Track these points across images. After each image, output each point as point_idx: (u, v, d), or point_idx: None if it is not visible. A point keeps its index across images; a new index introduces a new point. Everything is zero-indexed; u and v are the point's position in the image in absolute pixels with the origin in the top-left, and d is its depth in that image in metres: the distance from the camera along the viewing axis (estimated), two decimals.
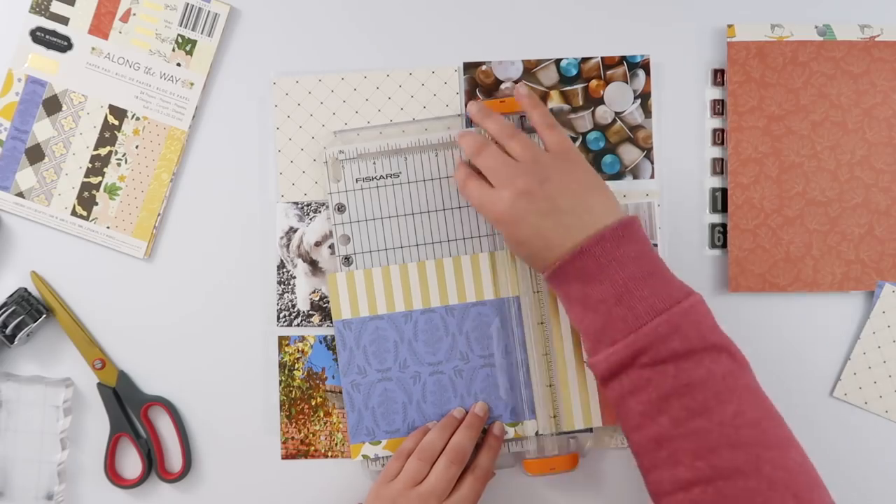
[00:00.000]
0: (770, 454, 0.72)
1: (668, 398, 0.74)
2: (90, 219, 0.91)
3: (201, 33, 0.90)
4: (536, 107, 0.85)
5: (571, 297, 0.79)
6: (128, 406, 0.91)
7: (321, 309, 0.91)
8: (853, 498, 0.91)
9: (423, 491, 0.82)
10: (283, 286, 0.91)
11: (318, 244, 0.91)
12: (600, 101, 0.92)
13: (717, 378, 0.74)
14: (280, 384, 0.91)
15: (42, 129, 0.90)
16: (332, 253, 0.90)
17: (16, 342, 0.88)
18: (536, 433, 0.89)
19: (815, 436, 0.92)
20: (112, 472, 0.91)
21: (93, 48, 0.90)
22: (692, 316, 0.76)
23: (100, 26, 0.90)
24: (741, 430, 0.73)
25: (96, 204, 0.91)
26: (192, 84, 0.91)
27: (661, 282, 0.77)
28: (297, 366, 0.91)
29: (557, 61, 0.92)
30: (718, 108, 0.92)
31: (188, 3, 0.90)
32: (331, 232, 0.90)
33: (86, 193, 0.91)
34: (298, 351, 0.91)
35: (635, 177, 0.92)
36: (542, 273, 0.82)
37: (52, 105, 0.90)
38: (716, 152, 0.92)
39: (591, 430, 0.90)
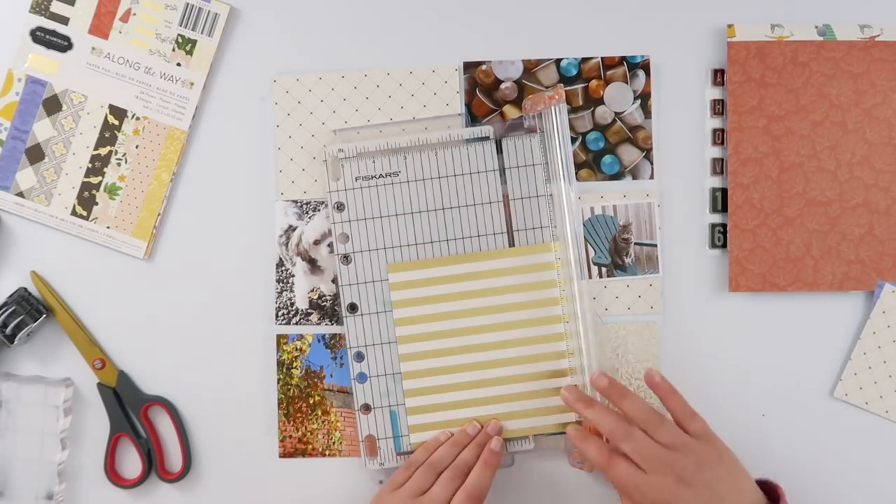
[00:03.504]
0: None
1: None
2: (90, 219, 0.91)
3: (201, 33, 0.91)
4: (674, 395, 0.85)
5: None
6: (128, 406, 0.91)
7: (320, 307, 0.91)
8: (854, 498, 0.91)
9: (424, 501, 0.83)
10: (281, 284, 0.91)
11: (316, 242, 0.91)
12: (600, 102, 0.92)
13: None
14: (278, 383, 0.91)
15: (42, 129, 0.90)
16: (331, 251, 0.90)
17: (16, 342, 0.88)
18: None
19: (816, 436, 0.92)
20: (112, 472, 0.91)
21: (93, 48, 0.91)
22: None
23: (100, 26, 0.90)
24: None
25: (96, 204, 0.91)
26: (192, 84, 0.91)
27: None
28: (295, 364, 0.91)
29: (557, 61, 0.92)
30: (718, 108, 0.92)
31: (188, 3, 0.90)
32: (330, 230, 0.90)
33: (86, 193, 0.91)
34: (297, 349, 0.91)
35: (634, 177, 0.92)
36: None
37: (52, 105, 0.90)
38: (716, 152, 0.92)
39: None
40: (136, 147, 0.91)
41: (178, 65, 0.91)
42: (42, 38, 0.90)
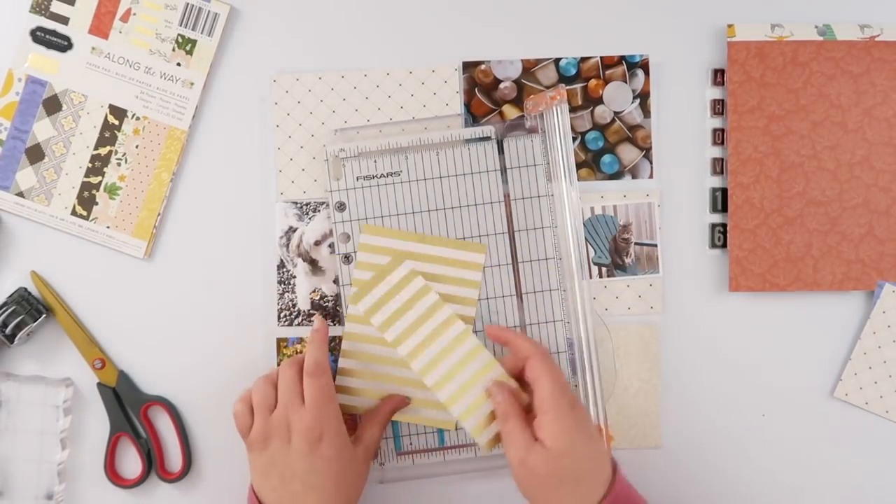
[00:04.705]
0: None
1: None
2: (90, 218, 0.91)
3: (201, 33, 0.91)
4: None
5: None
6: (128, 406, 0.91)
7: (321, 308, 0.91)
8: (854, 498, 0.91)
9: (278, 412, 0.82)
10: (283, 286, 0.91)
11: (317, 243, 0.91)
12: (599, 101, 0.92)
13: None
14: None
15: (42, 129, 0.90)
16: (332, 252, 0.90)
17: (16, 342, 0.88)
18: None
19: (816, 436, 0.92)
20: (112, 472, 0.91)
21: (93, 48, 0.90)
22: None
23: (100, 26, 0.90)
24: None
25: (96, 204, 0.91)
26: (192, 84, 0.91)
27: None
28: None
29: (556, 61, 0.92)
30: (718, 107, 0.92)
31: (188, 3, 0.90)
32: (330, 231, 0.90)
33: (86, 193, 0.91)
34: (297, 352, 0.91)
35: (634, 176, 0.92)
36: None
37: (53, 105, 0.90)
38: (716, 152, 0.92)
39: None
40: (136, 147, 0.91)
41: (178, 65, 0.91)
42: (42, 38, 0.90)
